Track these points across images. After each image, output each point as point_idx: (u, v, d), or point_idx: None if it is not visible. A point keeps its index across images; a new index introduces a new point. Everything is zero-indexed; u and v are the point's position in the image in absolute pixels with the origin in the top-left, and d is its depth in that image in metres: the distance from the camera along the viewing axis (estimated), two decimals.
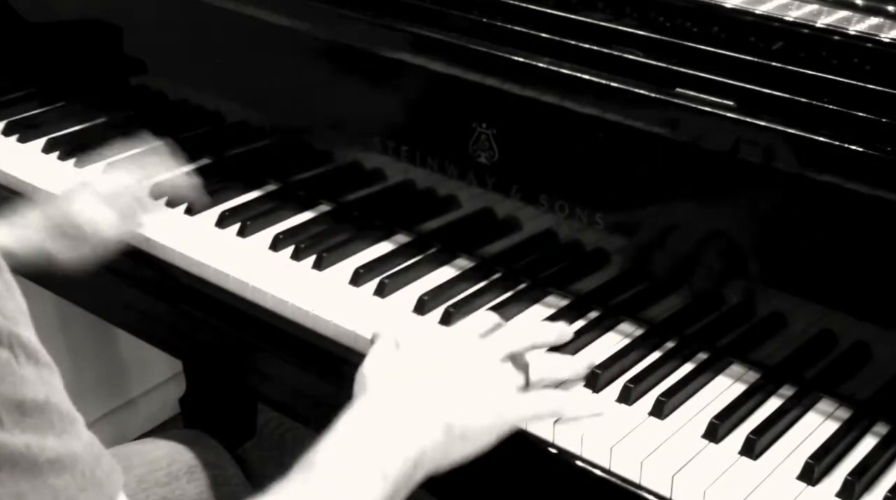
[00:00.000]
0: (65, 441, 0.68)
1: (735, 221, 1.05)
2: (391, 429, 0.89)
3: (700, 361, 1.09)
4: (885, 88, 0.94)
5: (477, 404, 0.94)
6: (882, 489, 0.94)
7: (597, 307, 1.16)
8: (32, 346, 0.68)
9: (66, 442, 0.68)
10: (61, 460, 0.68)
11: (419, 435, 0.90)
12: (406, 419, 0.90)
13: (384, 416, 0.90)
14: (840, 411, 1.03)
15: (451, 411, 0.92)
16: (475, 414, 0.93)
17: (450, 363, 0.96)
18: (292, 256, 1.25)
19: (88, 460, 0.70)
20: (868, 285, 0.99)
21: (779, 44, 1.01)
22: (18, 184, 1.43)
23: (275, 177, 1.40)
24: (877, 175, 0.94)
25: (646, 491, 0.95)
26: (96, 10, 1.53)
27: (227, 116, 1.43)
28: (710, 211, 1.06)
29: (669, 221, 1.08)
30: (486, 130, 1.16)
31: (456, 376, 0.94)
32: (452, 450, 0.92)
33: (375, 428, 0.89)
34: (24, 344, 0.67)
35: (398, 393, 0.93)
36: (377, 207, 1.31)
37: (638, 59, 1.06)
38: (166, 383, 2.23)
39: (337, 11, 1.24)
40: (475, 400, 0.94)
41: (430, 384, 0.93)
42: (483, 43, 1.14)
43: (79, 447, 0.69)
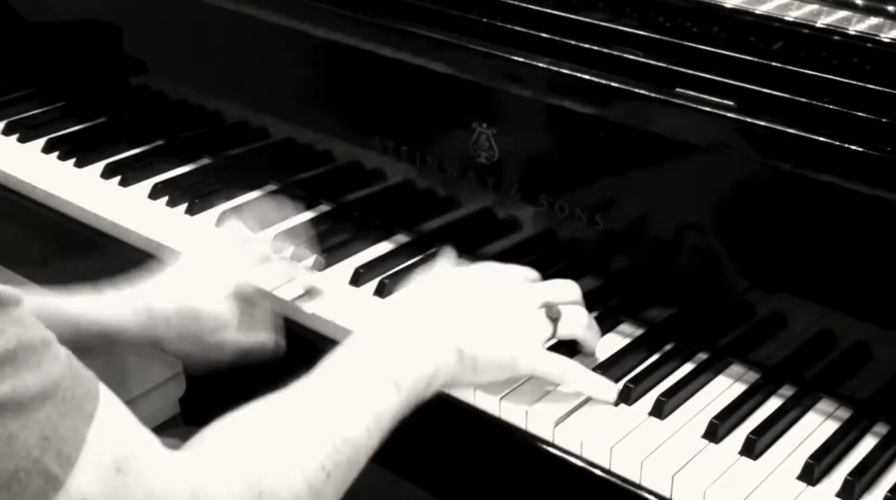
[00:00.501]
0: (43, 370, 0.69)
1: (735, 221, 1.05)
2: (407, 342, 0.91)
3: (700, 361, 1.09)
4: (885, 88, 0.94)
5: (494, 340, 0.95)
6: (882, 489, 0.94)
7: (597, 307, 1.16)
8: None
9: (45, 371, 0.70)
10: (44, 390, 0.69)
11: (433, 353, 0.92)
12: (423, 336, 0.92)
13: (402, 330, 0.92)
14: (840, 412, 1.03)
15: (467, 340, 0.94)
16: (490, 348, 0.95)
17: (481, 294, 0.97)
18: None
19: (68, 380, 0.71)
20: (868, 285, 0.99)
21: (779, 44, 1.01)
22: (18, 184, 1.43)
23: (275, 177, 1.40)
24: (877, 175, 0.94)
25: (646, 491, 0.95)
26: (96, 10, 1.53)
27: (227, 116, 1.43)
28: (710, 211, 1.06)
29: (669, 221, 1.08)
30: (486, 130, 1.16)
31: (481, 307, 0.96)
32: (461, 377, 0.94)
33: (392, 340, 0.91)
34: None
35: (420, 311, 0.95)
36: (377, 207, 1.31)
37: (638, 59, 1.06)
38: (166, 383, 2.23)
39: (337, 11, 1.24)
40: (494, 335, 0.95)
41: (452, 309, 0.95)
42: (483, 43, 1.14)
43: (57, 369, 0.71)
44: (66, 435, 0.70)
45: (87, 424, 0.71)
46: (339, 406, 0.85)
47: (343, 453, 0.83)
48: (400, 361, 0.90)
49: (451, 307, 0.96)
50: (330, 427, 0.84)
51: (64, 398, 0.70)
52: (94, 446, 0.71)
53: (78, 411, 0.71)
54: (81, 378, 0.73)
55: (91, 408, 0.72)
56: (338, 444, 0.83)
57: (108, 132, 1.54)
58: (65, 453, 0.70)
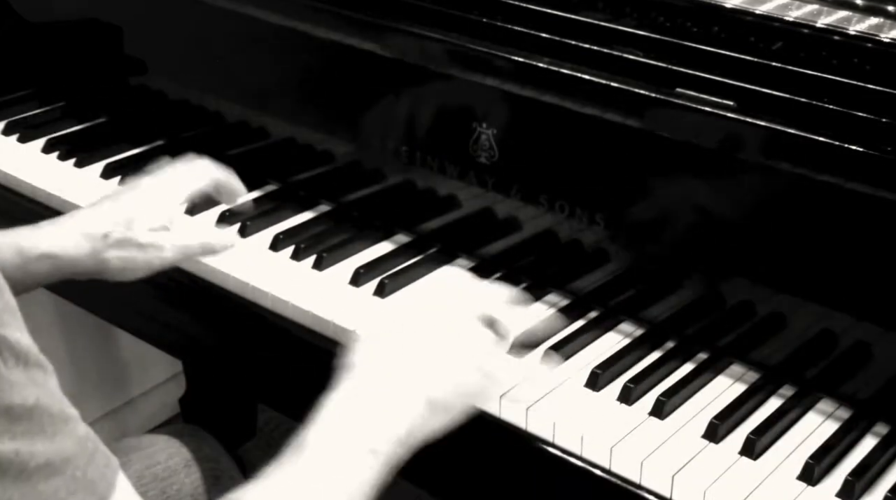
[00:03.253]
0: (56, 444, 0.67)
1: (735, 221, 1.05)
2: (378, 407, 0.90)
3: (700, 361, 1.09)
4: (885, 87, 0.94)
5: (455, 380, 0.94)
6: (882, 489, 0.94)
7: (597, 307, 1.16)
8: (22, 346, 0.66)
9: (58, 445, 0.67)
10: (52, 464, 0.67)
11: (405, 412, 0.91)
12: (390, 396, 0.91)
13: (370, 394, 0.91)
14: (840, 411, 1.03)
15: (432, 386, 0.93)
16: (454, 389, 0.94)
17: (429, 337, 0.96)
18: (292, 256, 1.25)
19: (81, 460, 0.69)
20: (868, 285, 0.99)
21: (779, 44, 1.01)
22: (18, 184, 1.43)
23: (275, 177, 1.40)
24: (877, 175, 0.94)
25: (646, 491, 0.96)
26: (96, 10, 1.53)
27: (227, 116, 1.43)
28: (709, 211, 1.06)
29: (669, 221, 1.08)
30: (486, 130, 1.16)
31: (436, 351, 0.95)
32: (433, 423, 0.93)
33: (363, 407, 0.90)
34: (12, 346, 0.65)
35: (381, 371, 0.93)
36: (377, 207, 1.31)
37: (638, 59, 1.06)
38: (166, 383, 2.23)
39: (337, 11, 1.24)
40: (453, 375, 0.94)
41: (410, 361, 0.94)
42: (483, 43, 1.14)
43: (71, 447, 0.68)
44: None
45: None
46: (324, 486, 0.85)
47: None
48: (374, 429, 0.89)
49: (410, 362, 0.94)
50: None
51: (74, 478, 0.68)
52: None
53: (89, 492, 0.69)
54: (96, 461, 0.70)
55: (104, 492, 0.70)
56: None
57: (108, 132, 1.54)
58: None
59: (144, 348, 1.78)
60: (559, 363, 1.07)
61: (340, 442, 0.87)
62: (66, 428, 0.68)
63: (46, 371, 0.68)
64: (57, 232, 1.10)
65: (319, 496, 0.84)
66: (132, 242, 1.11)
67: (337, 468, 0.86)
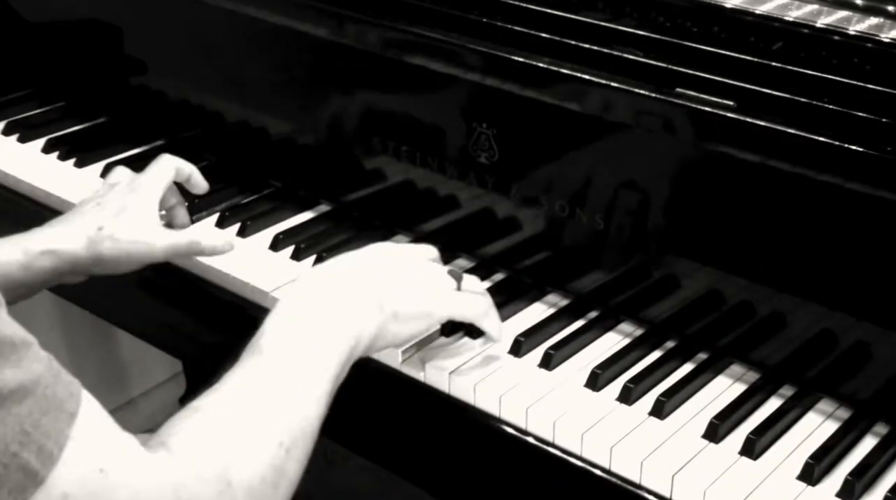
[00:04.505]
0: (23, 368, 0.70)
1: (735, 221, 1.05)
2: (332, 307, 0.95)
3: (700, 361, 1.09)
4: (885, 87, 0.94)
5: (410, 290, 1.00)
6: (882, 489, 0.94)
7: (597, 307, 1.16)
8: None
9: (25, 368, 0.71)
10: (23, 386, 0.70)
11: (357, 313, 0.95)
12: (344, 297, 0.96)
13: (325, 296, 0.96)
14: (840, 412, 1.03)
15: (384, 293, 0.98)
16: (408, 298, 0.99)
17: (386, 256, 1.03)
18: (292, 256, 1.25)
19: (48, 379, 0.72)
20: (868, 285, 0.99)
21: (779, 44, 1.01)
22: (18, 184, 1.43)
23: (275, 177, 1.40)
24: (877, 175, 0.94)
25: (646, 491, 0.96)
26: (96, 10, 1.53)
27: (227, 116, 1.43)
28: (709, 211, 1.06)
29: (669, 222, 1.08)
30: (486, 130, 1.16)
31: (391, 265, 1.01)
32: (387, 329, 0.98)
33: (317, 307, 0.94)
34: None
35: (335, 276, 0.98)
36: (377, 207, 1.31)
37: (638, 59, 1.06)
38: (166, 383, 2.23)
39: (337, 12, 1.24)
40: (408, 286, 1.00)
41: (365, 269, 1.00)
42: (483, 43, 1.14)
43: (38, 368, 0.72)
44: (48, 432, 0.71)
45: (70, 423, 0.73)
46: (287, 384, 0.88)
47: (298, 427, 0.86)
48: (330, 326, 0.93)
49: (367, 269, 1.00)
50: (282, 407, 0.87)
51: (45, 396, 0.71)
52: (77, 445, 0.73)
53: (60, 410, 0.72)
54: (62, 380, 0.74)
55: (73, 408, 0.73)
56: (291, 420, 0.86)
57: (108, 132, 1.54)
58: (46, 449, 0.71)
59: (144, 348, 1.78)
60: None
61: (298, 341, 0.91)
62: (29, 353, 0.72)
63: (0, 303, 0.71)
64: (55, 229, 1.15)
65: (284, 394, 0.87)
66: (124, 235, 1.14)
67: (297, 366, 0.89)
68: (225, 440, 0.83)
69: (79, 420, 0.73)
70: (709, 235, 1.07)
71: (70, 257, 1.12)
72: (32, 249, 1.11)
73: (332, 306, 0.95)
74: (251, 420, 0.85)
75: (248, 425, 0.84)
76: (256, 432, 0.84)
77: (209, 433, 0.83)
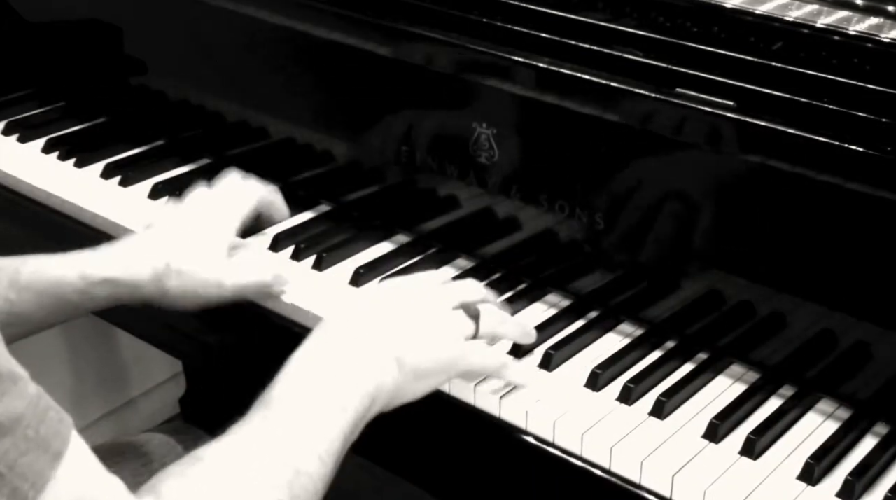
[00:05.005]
0: (4, 404, 0.67)
1: (735, 220, 1.05)
2: (348, 363, 0.91)
3: (700, 361, 1.09)
4: (885, 87, 0.94)
5: (429, 345, 0.96)
6: (882, 489, 0.94)
7: (597, 307, 1.16)
8: None
9: (6, 404, 0.67)
10: (1, 424, 0.67)
11: (374, 370, 0.91)
12: (361, 353, 0.92)
13: (340, 350, 0.92)
14: (840, 411, 1.03)
15: (403, 349, 0.94)
16: (427, 354, 0.95)
17: (403, 304, 0.98)
18: (292, 256, 1.25)
19: (32, 419, 0.69)
20: (868, 285, 0.99)
21: (779, 44, 1.01)
22: (18, 184, 1.43)
23: (275, 177, 1.40)
24: (877, 175, 0.94)
25: (646, 491, 0.95)
26: (96, 10, 1.53)
27: (227, 116, 1.43)
28: (709, 211, 1.06)
29: (669, 221, 1.08)
30: (486, 130, 1.16)
31: (409, 316, 0.97)
32: (405, 388, 0.94)
33: (332, 362, 0.91)
34: None
35: (352, 329, 0.94)
36: (377, 207, 1.31)
37: (638, 59, 1.06)
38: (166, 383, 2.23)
39: (337, 11, 1.24)
40: (427, 341, 0.96)
41: (383, 322, 0.95)
42: (483, 43, 1.14)
43: (20, 407, 0.68)
44: (25, 474, 0.68)
45: (53, 464, 0.69)
46: (291, 441, 0.85)
47: (298, 485, 0.83)
48: (343, 383, 0.89)
49: (382, 322, 0.95)
50: (284, 463, 0.83)
51: (26, 436, 0.68)
52: (60, 487, 0.69)
53: (43, 450, 0.69)
54: (49, 418, 0.70)
55: (59, 448, 0.70)
56: (293, 478, 0.83)
57: (108, 132, 1.54)
58: (21, 491, 0.67)
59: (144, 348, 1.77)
60: None
61: (308, 398, 0.87)
62: (14, 388, 0.68)
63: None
64: (120, 257, 1.09)
65: (287, 451, 0.84)
66: (193, 273, 1.10)
67: (305, 423, 0.86)
68: (218, 492, 0.80)
69: (64, 461, 0.70)
70: (709, 234, 1.07)
71: (132, 287, 1.08)
72: (92, 275, 1.06)
73: (348, 362, 0.91)
74: (248, 475, 0.81)
75: (245, 479, 0.81)
76: (252, 487, 0.81)
77: (203, 483, 0.80)
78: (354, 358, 0.91)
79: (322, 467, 0.85)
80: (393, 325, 0.95)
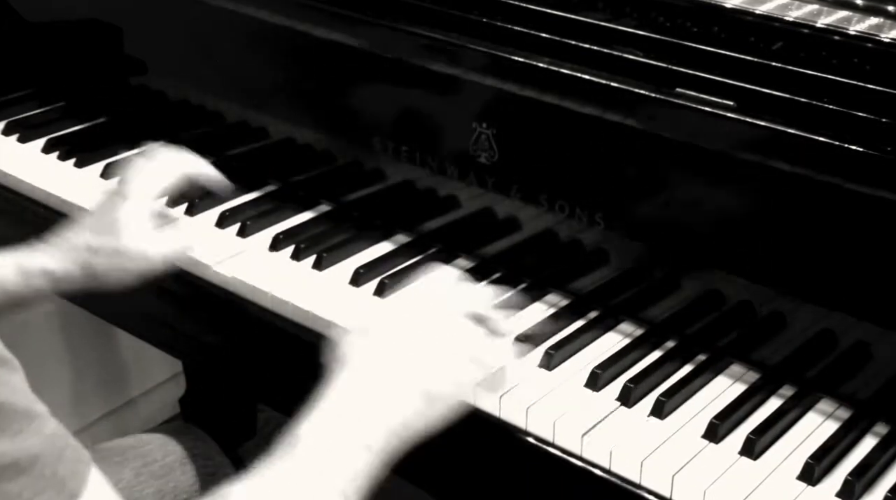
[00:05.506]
0: (19, 443, 0.67)
1: (735, 221, 1.05)
2: (372, 401, 0.89)
3: (700, 361, 1.09)
4: (885, 87, 0.94)
5: (450, 366, 0.94)
6: (882, 489, 0.94)
7: (597, 307, 1.16)
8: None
9: (22, 443, 0.67)
10: (17, 463, 0.66)
11: (399, 405, 0.90)
12: (385, 389, 0.90)
13: (364, 388, 0.90)
14: (840, 411, 1.03)
15: (426, 378, 0.92)
16: (450, 376, 0.94)
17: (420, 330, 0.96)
18: (292, 256, 1.25)
19: (49, 457, 0.68)
20: (868, 285, 0.99)
21: (779, 44, 1.01)
22: (18, 184, 1.43)
23: (275, 177, 1.40)
24: (877, 175, 0.94)
25: (646, 491, 0.95)
26: (96, 10, 1.53)
27: (227, 116, 1.43)
28: (709, 211, 1.06)
29: (669, 221, 1.09)
30: (486, 130, 1.16)
31: (428, 343, 0.95)
32: (430, 414, 0.92)
33: (356, 401, 0.89)
34: None
35: (375, 365, 0.92)
36: (377, 207, 1.31)
37: (638, 59, 1.06)
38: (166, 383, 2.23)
39: (337, 11, 1.24)
40: (448, 362, 0.94)
41: (404, 354, 0.93)
42: (483, 43, 1.14)
43: (37, 445, 0.68)
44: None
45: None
46: (316, 486, 0.84)
47: None
48: (367, 423, 0.88)
49: (402, 352, 0.94)
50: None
51: (42, 475, 0.68)
52: None
53: (57, 491, 0.68)
54: (66, 458, 0.70)
55: (75, 488, 0.69)
56: None
57: (108, 132, 1.54)
58: None
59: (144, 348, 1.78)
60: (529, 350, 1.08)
61: (333, 437, 0.86)
62: (31, 426, 0.68)
63: (12, 368, 0.68)
64: (50, 250, 1.12)
65: (312, 491, 0.83)
66: (116, 250, 1.12)
67: (330, 463, 0.85)
68: None
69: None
70: (709, 235, 1.07)
71: (66, 277, 1.10)
72: (29, 268, 1.09)
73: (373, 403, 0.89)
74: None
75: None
76: None
77: None
78: (377, 395, 0.90)
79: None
80: (413, 356, 0.93)
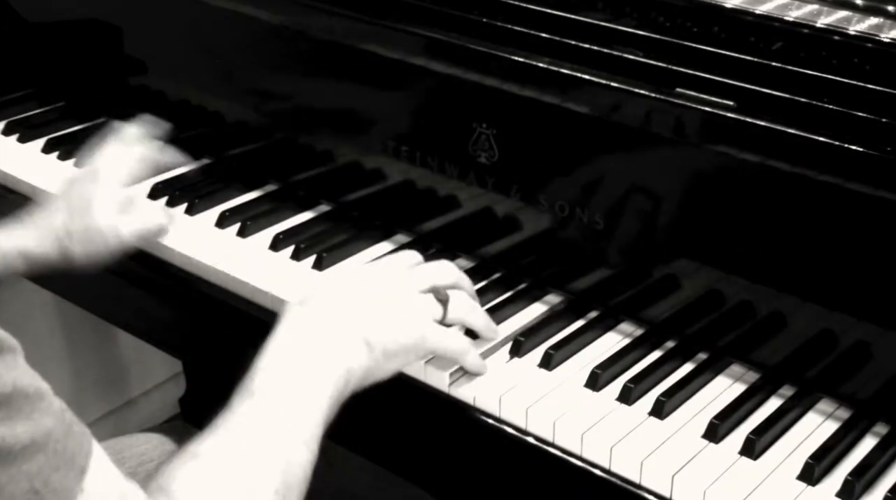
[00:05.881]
0: (35, 422, 0.69)
1: (735, 221, 1.05)
2: (320, 349, 0.94)
3: (700, 361, 1.09)
4: (885, 87, 0.94)
5: (396, 325, 0.99)
6: (882, 489, 0.94)
7: (597, 307, 1.16)
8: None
9: (37, 422, 0.69)
10: (35, 442, 0.68)
11: (346, 353, 0.95)
12: (332, 338, 0.95)
13: (312, 337, 0.95)
14: (840, 411, 1.03)
15: (371, 331, 0.97)
16: (395, 334, 0.99)
17: (371, 287, 1.01)
18: (292, 256, 1.25)
19: (60, 433, 0.71)
20: (868, 285, 0.99)
21: (779, 44, 1.01)
22: (18, 184, 1.43)
23: (275, 177, 1.40)
24: (877, 175, 0.94)
25: (646, 491, 0.95)
26: (96, 10, 1.53)
27: (227, 116, 1.43)
28: (709, 211, 1.06)
29: (669, 221, 1.08)
30: (486, 130, 1.16)
31: (376, 299, 1.00)
32: (375, 368, 0.97)
33: (306, 349, 0.94)
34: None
35: (322, 314, 0.97)
36: (377, 207, 1.31)
37: (638, 59, 1.06)
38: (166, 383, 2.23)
39: (337, 12, 1.24)
40: (394, 321, 0.99)
41: (351, 306, 0.98)
42: (483, 43, 1.14)
43: (49, 421, 0.70)
44: (57, 489, 0.69)
45: (80, 479, 0.71)
46: (279, 432, 0.88)
47: (290, 473, 0.86)
48: (318, 370, 0.93)
49: (350, 305, 0.99)
50: (276, 455, 0.87)
51: (56, 451, 0.70)
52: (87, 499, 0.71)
53: (69, 466, 0.71)
54: (74, 432, 0.72)
55: (83, 462, 0.72)
56: (285, 468, 0.86)
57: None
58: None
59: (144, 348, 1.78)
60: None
61: (288, 386, 0.91)
62: (41, 405, 0.70)
63: (16, 352, 0.70)
64: (25, 232, 1.17)
65: (276, 443, 0.87)
66: (89, 230, 1.16)
67: (288, 413, 0.89)
68: (224, 488, 0.83)
69: (89, 475, 0.72)
70: (709, 235, 1.07)
71: (41, 257, 1.16)
72: (5, 248, 1.15)
73: (321, 348, 0.94)
74: (248, 468, 0.85)
75: (246, 473, 0.84)
76: (254, 480, 0.84)
77: (208, 480, 0.83)
78: (326, 344, 0.95)
79: (308, 453, 0.89)
80: (360, 308, 0.98)
